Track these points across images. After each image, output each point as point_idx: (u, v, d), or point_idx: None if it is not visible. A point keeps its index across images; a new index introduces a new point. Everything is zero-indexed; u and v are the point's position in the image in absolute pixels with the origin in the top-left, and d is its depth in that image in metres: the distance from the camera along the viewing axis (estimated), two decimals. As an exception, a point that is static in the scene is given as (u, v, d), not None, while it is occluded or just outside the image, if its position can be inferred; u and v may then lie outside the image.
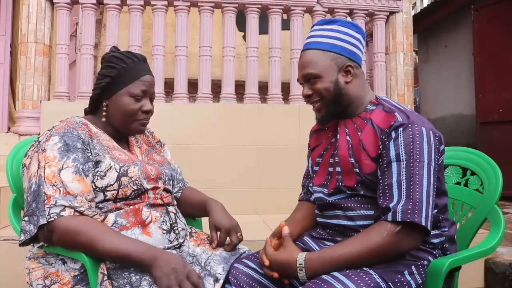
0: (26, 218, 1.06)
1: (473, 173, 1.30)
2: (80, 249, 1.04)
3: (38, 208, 1.03)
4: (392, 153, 1.03)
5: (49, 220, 1.01)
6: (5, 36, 4.50)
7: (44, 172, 1.05)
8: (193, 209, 1.38)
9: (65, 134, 1.12)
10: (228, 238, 1.28)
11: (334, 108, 1.15)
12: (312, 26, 1.21)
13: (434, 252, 1.08)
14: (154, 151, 1.39)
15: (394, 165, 1.02)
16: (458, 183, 1.36)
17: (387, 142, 1.04)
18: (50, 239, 1.05)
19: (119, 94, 1.20)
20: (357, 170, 1.09)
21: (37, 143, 1.16)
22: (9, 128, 4.09)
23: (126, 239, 1.06)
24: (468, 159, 1.32)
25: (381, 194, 1.03)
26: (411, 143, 1.02)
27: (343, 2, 3.18)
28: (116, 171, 1.13)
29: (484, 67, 4.55)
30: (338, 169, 1.15)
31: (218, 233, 1.28)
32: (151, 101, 1.27)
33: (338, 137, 1.17)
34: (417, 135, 1.03)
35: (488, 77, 4.50)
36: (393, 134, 1.04)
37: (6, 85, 4.50)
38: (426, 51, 6.29)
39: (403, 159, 1.01)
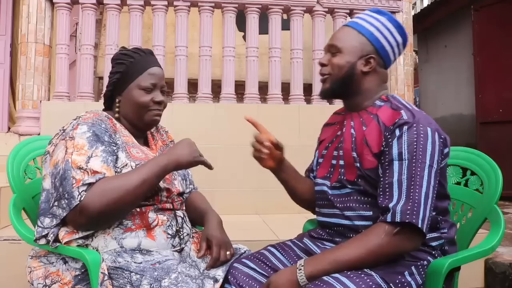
0: (56, 203, 1.05)
1: (473, 173, 1.30)
2: (117, 206, 1.04)
3: (67, 191, 1.03)
4: (395, 151, 1.02)
5: (81, 198, 1.01)
6: (5, 36, 4.50)
7: (71, 157, 1.06)
8: (193, 216, 1.37)
9: (93, 125, 1.13)
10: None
11: (338, 87, 1.15)
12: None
13: (434, 253, 1.08)
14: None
15: (396, 163, 1.01)
16: (458, 183, 1.36)
17: (390, 140, 1.04)
18: (81, 221, 1.03)
19: (129, 88, 1.22)
20: (358, 164, 1.09)
21: (61, 131, 1.16)
22: (9, 128, 4.09)
23: (144, 165, 1.11)
24: (468, 159, 1.32)
25: (381, 193, 1.03)
26: (415, 143, 1.01)
27: (343, 2, 3.18)
28: (132, 168, 1.13)
29: (484, 67, 4.55)
30: (341, 162, 1.15)
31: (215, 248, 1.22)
32: (163, 93, 1.28)
33: (344, 130, 1.17)
34: (422, 135, 1.02)
35: (488, 77, 4.50)
36: (397, 132, 1.03)
37: (6, 85, 4.50)
38: (426, 51, 6.29)
39: (405, 158, 1.00)
